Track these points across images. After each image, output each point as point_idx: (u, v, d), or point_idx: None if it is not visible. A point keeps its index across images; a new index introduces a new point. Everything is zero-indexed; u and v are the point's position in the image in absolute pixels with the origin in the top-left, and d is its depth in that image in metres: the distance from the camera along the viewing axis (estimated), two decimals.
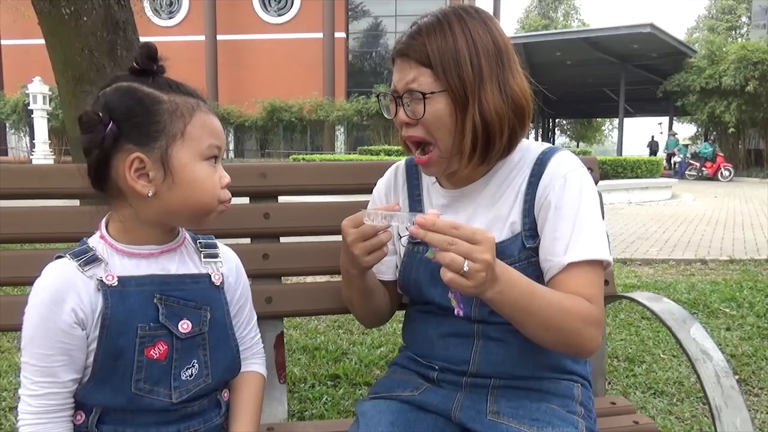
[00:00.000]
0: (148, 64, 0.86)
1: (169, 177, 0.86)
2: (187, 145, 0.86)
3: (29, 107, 15.97)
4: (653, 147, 27.10)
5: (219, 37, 25.36)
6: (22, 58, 23.11)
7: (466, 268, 0.81)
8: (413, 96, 0.99)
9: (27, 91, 15.72)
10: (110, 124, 0.83)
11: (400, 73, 1.01)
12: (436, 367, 1.08)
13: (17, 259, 1.26)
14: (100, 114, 0.84)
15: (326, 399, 2.27)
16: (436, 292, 1.05)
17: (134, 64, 0.87)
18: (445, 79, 0.97)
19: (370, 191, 1.33)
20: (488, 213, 1.06)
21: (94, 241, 0.91)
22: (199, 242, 0.99)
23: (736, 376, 2.51)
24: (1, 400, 2.23)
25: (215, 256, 0.99)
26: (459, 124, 0.99)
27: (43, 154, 15.33)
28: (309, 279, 3.09)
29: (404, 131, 1.03)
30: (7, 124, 24.60)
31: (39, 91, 15.18)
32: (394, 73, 1.03)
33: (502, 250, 1.02)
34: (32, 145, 17.55)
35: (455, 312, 0.90)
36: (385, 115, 1.08)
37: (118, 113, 0.84)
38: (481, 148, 1.00)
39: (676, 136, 23.90)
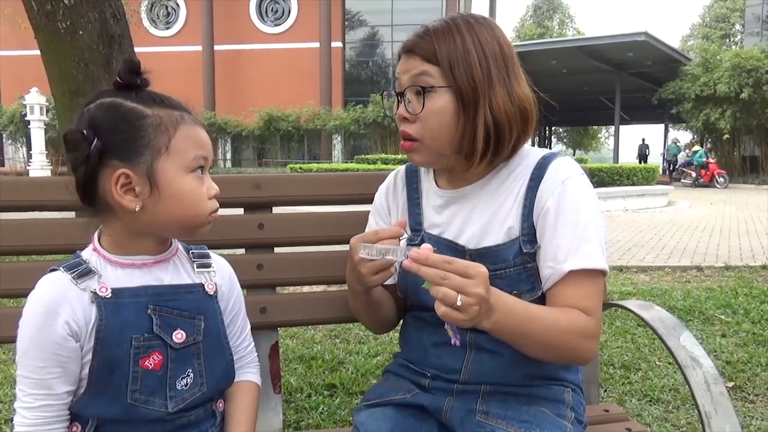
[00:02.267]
0: (132, 78, 0.87)
1: (155, 191, 0.86)
2: (173, 158, 0.87)
3: (26, 118, 15.97)
4: (643, 150, 26.71)
5: (216, 47, 25.42)
6: (19, 68, 23.12)
7: (459, 303, 0.81)
8: (416, 91, 1.02)
9: (24, 102, 15.71)
10: (95, 141, 0.84)
11: (405, 69, 1.04)
12: (428, 375, 1.09)
13: (15, 271, 1.27)
14: (85, 132, 0.84)
15: (322, 409, 2.27)
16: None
17: (118, 78, 0.87)
18: (452, 77, 0.99)
19: (363, 201, 1.34)
20: (484, 215, 1.07)
21: (88, 254, 0.92)
22: (192, 252, 1.00)
23: (732, 383, 2.51)
24: None
25: (208, 265, 1.00)
26: (467, 124, 1.01)
27: (40, 165, 15.32)
28: (306, 289, 3.10)
29: (401, 126, 1.05)
30: (4, 135, 24.61)
31: (36, 101, 15.18)
32: (398, 70, 1.05)
33: (496, 254, 1.03)
34: (29, 156, 17.53)
35: (452, 342, 0.91)
36: (388, 113, 1.10)
37: (102, 129, 0.85)
38: (493, 148, 1.02)
39: (678, 143, 23.72)
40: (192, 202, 0.89)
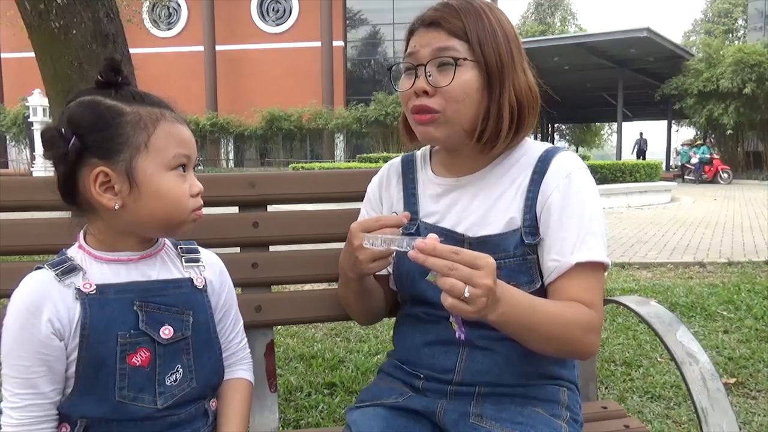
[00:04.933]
0: (112, 76, 0.86)
1: (135, 189, 0.86)
2: (152, 156, 0.86)
3: (29, 120, 16.04)
4: (641, 145, 25.69)
5: (218, 47, 25.47)
6: (21, 71, 23.17)
7: (467, 294, 0.80)
8: (441, 63, 0.99)
9: (27, 104, 15.80)
10: (73, 139, 0.83)
11: (425, 42, 1.00)
12: (422, 376, 1.08)
13: (13, 271, 1.25)
14: (63, 130, 0.84)
15: (322, 407, 2.26)
16: (428, 285, 1.06)
17: (98, 77, 0.87)
18: (480, 53, 0.98)
19: (358, 199, 1.33)
20: (484, 204, 1.06)
21: (73, 252, 0.91)
22: (180, 247, 0.99)
23: (734, 379, 2.50)
24: None
25: (197, 260, 0.99)
26: (492, 103, 1.00)
27: (43, 166, 15.37)
28: (307, 287, 3.10)
29: (417, 101, 1.01)
30: (8, 137, 24.74)
31: (39, 103, 15.24)
32: (415, 44, 1.02)
33: (497, 243, 1.02)
34: (32, 158, 17.61)
35: (456, 335, 0.89)
36: (396, 88, 1.07)
37: (81, 127, 0.84)
38: (515, 129, 1.02)
39: (690, 146, 22.33)
40: (172, 200, 0.88)
